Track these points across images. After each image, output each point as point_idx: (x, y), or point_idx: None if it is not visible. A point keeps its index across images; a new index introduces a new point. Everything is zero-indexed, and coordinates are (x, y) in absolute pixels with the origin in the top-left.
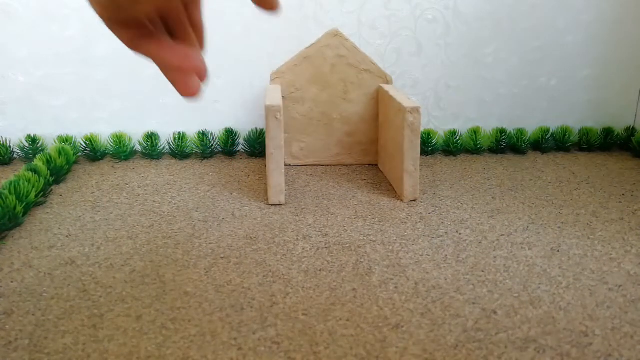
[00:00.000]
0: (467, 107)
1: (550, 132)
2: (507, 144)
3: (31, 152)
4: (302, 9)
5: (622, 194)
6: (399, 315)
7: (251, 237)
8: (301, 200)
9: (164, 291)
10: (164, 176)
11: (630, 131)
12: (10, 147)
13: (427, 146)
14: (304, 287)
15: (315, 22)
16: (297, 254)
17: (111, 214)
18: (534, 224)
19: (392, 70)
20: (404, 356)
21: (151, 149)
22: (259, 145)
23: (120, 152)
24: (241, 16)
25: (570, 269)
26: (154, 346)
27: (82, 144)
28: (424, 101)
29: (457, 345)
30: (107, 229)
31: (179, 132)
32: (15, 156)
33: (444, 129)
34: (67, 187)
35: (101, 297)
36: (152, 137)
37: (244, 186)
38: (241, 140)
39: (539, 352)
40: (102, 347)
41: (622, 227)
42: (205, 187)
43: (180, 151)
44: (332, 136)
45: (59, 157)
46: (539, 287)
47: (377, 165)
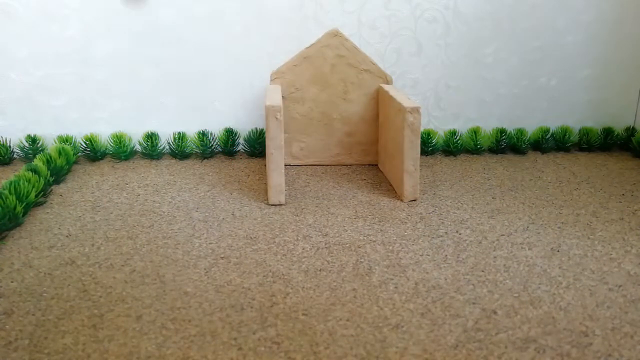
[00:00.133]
0: (467, 107)
1: (550, 132)
2: (507, 144)
3: (31, 152)
4: (302, 9)
5: (622, 194)
6: (399, 315)
7: (251, 237)
8: (301, 200)
9: (164, 291)
10: (164, 176)
11: (630, 131)
12: (10, 147)
13: (427, 146)
14: (304, 287)
15: (315, 22)
16: (297, 254)
17: (111, 214)
18: (534, 224)
19: (392, 70)
20: (404, 356)
21: (151, 149)
22: (259, 145)
23: (120, 152)
24: (241, 16)
25: (570, 269)
26: (154, 346)
27: (82, 144)
28: (424, 101)
29: (457, 345)
30: (107, 229)
31: (179, 132)
32: (15, 156)
33: (444, 129)
34: (67, 187)
35: (101, 297)
36: (152, 137)
37: (244, 186)
38: (241, 140)
39: (539, 352)
40: (102, 347)
41: (622, 227)
42: (205, 187)
43: (180, 151)
44: (332, 136)
45: (59, 157)
46: (539, 287)
47: (377, 165)
